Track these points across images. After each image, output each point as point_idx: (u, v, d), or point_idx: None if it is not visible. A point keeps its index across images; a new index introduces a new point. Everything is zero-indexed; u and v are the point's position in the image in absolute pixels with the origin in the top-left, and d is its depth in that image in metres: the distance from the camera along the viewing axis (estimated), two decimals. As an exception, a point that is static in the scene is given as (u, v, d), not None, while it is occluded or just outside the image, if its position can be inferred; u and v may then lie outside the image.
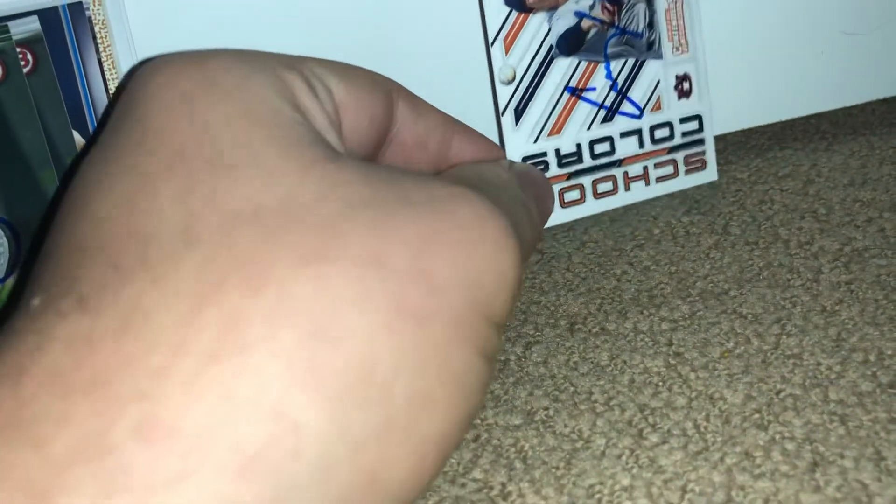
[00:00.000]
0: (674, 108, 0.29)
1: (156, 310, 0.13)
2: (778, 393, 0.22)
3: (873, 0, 0.32)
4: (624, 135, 0.29)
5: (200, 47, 0.25)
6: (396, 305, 0.14)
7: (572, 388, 0.23)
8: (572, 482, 0.20)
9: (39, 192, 0.24)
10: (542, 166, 0.28)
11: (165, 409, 0.13)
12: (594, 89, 0.28)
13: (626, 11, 0.29)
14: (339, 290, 0.14)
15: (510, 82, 0.28)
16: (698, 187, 0.31)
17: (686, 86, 0.29)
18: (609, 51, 0.29)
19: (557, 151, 0.28)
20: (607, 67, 0.29)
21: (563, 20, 0.28)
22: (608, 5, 0.29)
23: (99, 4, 0.25)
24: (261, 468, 0.13)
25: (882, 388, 0.21)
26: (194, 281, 0.14)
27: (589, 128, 0.28)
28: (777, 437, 0.20)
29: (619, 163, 0.29)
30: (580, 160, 0.28)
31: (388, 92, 0.20)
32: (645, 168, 0.29)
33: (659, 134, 0.29)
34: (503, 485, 0.20)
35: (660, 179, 0.29)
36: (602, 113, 0.29)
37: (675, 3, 0.29)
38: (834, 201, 0.29)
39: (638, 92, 0.29)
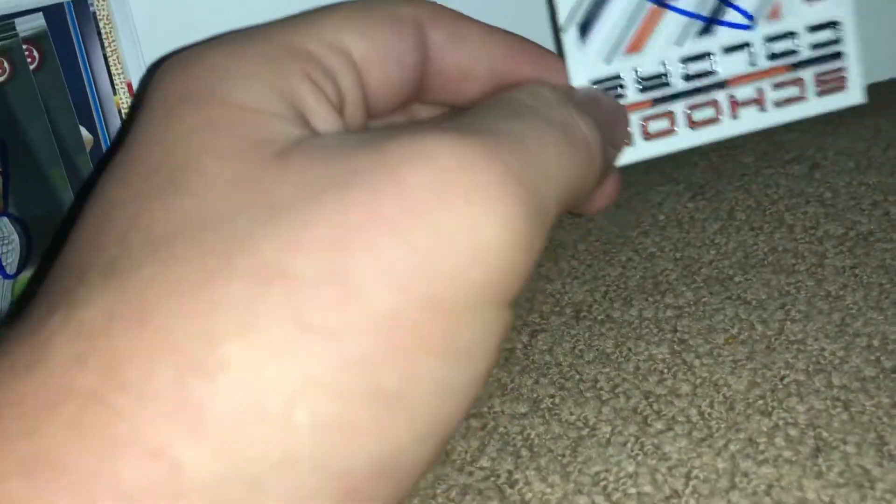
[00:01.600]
0: (800, 15, 0.23)
1: (55, 349, 0.13)
2: (782, 379, 0.22)
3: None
4: (728, 50, 0.23)
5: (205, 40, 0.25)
6: (298, 324, 0.13)
7: (578, 376, 0.23)
8: (578, 469, 0.20)
9: (49, 188, 0.25)
10: (616, 91, 0.23)
11: (51, 448, 0.13)
12: None
13: None
14: (224, 319, 0.13)
15: None
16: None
17: None
18: None
19: (637, 72, 0.22)
20: None
21: None
22: None
23: (103, 0, 0.25)
24: None
25: (885, 374, 0.22)
26: (93, 320, 0.13)
27: (680, 43, 0.23)
28: (780, 423, 0.21)
29: (722, 84, 0.23)
30: (668, 84, 0.23)
31: (417, 25, 0.18)
32: (759, 90, 0.23)
33: (778, 47, 0.23)
34: (510, 472, 0.21)
35: (780, 104, 0.23)
36: (697, 24, 0.23)
37: None
38: (839, 185, 0.29)
39: None
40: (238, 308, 0.13)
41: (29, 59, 0.24)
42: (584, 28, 0.22)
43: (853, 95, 0.24)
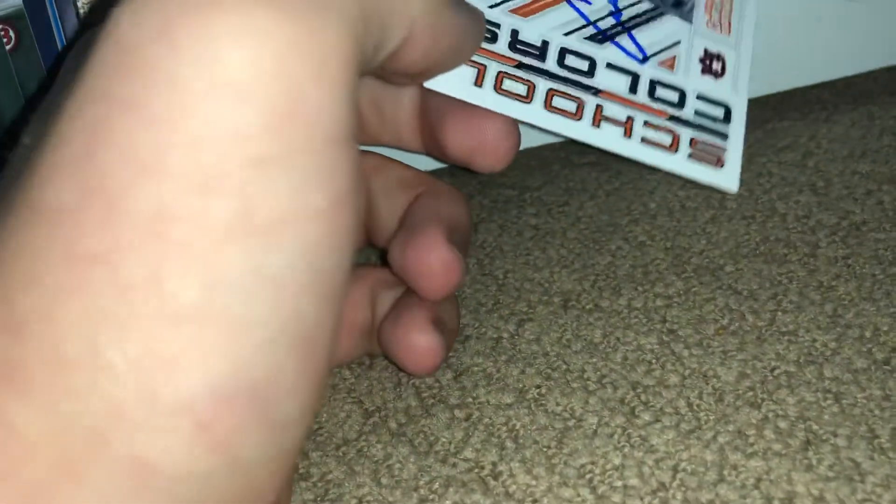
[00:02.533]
0: (693, 79, 0.23)
1: None
2: (772, 370, 0.22)
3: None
4: (612, 67, 0.22)
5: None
6: (72, 258, 0.12)
7: (565, 366, 0.23)
8: (563, 461, 0.20)
9: (25, 172, 0.24)
10: (487, 35, 0.22)
11: None
12: (589, 2, 0.23)
13: None
14: (16, 272, 0.12)
15: None
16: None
17: (717, 66, 0.24)
18: None
19: (514, 33, 0.22)
20: None
21: None
22: None
23: (81, -21, 0.24)
24: None
25: (877, 365, 0.21)
26: None
27: (567, 34, 0.22)
28: (770, 415, 0.20)
29: (595, 91, 0.22)
30: (542, 58, 0.22)
31: None
32: (629, 118, 0.22)
33: (662, 93, 0.23)
34: (494, 464, 0.20)
35: (647, 142, 0.22)
36: (590, 31, 0.22)
37: None
38: (833, 174, 0.29)
39: (647, 37, 0.23)
40: (22, 257, 0.12)
41: (5, 40, 0.24)
42: None
43: (728, 180, 0.23)
